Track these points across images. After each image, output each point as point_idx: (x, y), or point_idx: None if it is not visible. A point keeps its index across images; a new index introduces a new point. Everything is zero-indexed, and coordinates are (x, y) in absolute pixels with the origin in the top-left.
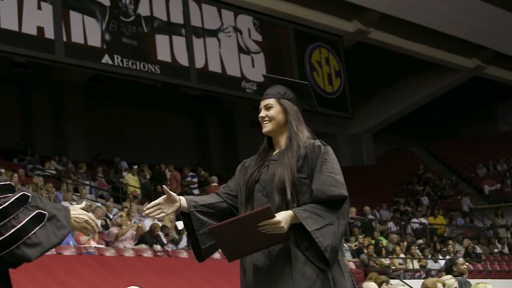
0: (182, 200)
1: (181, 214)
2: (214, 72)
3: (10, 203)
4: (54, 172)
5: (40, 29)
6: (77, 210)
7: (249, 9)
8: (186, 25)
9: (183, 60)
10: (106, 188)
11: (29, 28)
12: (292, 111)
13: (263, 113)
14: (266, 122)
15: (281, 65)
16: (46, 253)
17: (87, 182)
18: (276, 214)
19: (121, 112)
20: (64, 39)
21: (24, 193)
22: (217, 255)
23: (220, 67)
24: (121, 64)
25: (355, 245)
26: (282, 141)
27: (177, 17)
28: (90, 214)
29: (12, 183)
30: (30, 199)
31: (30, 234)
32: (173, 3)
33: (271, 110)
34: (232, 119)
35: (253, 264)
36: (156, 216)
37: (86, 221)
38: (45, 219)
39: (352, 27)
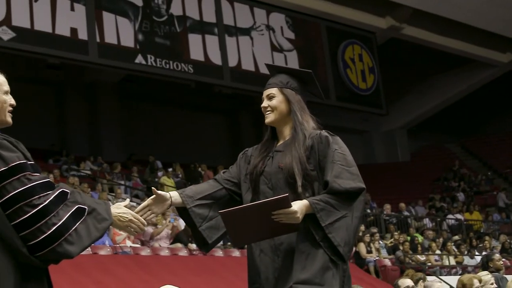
0: (174, 197)
1: (177, 210)
2: (247, 70)
3: (50, 201)
4: (89, 172)
5: (74, 30)
6: (121, 209)
7: (281, 7)
8: (218, 24)
9: (216, 59)
10: (141, 188)
11: (63, 30)
12: (295, 100)
13: (265, 103)
14: (268, 112)
15: (314, 63)
16: (82, 253)
17: (122, 182)
18: (291, 203)
19: (154, 112)
20: (98, 40)
21: (63, 190)
22: None
23: (253, 65)
24: (154, 64)
25: (391, 242)
26: (286, 131)
27: (209, 16)
28: (135, 213)
29: (51, 180)
30: (69, 195)
31: (71, 231)
32: (206, 2)
33: (274, 99)
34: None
35: (260, 257)
36: (147, 218)
37: (130, 220)
38: (85, 213)
39: (385, 23)
